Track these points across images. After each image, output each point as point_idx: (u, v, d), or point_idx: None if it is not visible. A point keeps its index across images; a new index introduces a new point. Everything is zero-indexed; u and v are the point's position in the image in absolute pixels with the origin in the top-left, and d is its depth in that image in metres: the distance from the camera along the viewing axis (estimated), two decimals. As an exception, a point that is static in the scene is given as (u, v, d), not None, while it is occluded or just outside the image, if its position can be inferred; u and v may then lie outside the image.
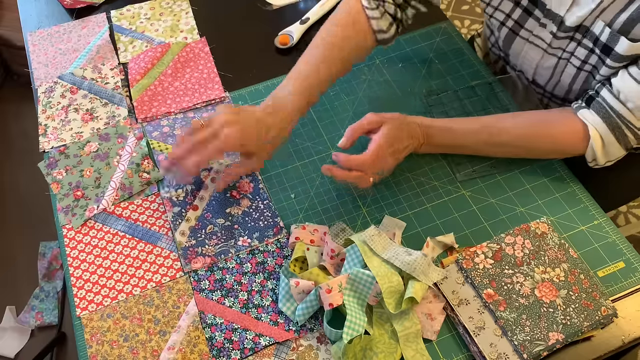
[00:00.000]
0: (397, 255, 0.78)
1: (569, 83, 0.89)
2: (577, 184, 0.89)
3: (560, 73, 0.90)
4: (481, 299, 0.77)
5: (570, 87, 0.90)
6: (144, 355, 0.77)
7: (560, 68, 0.89)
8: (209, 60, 1.09)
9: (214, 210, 0.89)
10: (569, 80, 0.89)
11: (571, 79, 0.88)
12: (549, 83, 0.94)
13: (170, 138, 0.98)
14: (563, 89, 0.92)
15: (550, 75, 0.92)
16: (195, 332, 0.78)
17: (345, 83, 1.04)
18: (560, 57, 0.88)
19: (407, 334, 0.75)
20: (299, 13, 1.16)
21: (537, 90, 0.99)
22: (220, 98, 1.03)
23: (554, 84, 0.93)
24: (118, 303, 0.82)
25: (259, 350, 0.77)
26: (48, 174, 0.95)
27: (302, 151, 0.96)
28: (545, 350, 0.73)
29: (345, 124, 0.98)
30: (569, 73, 0.88)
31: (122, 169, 0.94)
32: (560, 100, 0.96)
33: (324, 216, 0.89)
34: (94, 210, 0.90)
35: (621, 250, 0.82)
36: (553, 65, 0.90)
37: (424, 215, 0.88)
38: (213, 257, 0.85)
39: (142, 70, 1.06)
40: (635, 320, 0.77)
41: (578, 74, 0.87)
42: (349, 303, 0.75)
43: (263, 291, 0.82)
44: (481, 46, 1.19)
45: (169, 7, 1.18)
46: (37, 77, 1.08)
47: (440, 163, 0.93)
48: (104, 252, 0.87)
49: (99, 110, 1.02)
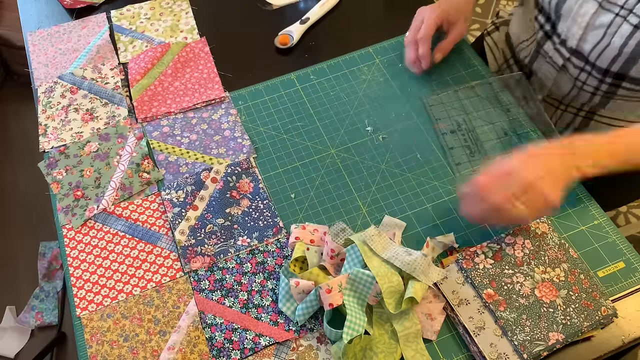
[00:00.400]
0: (397, 255, 0.78)
1: (620, 46, 0.85)
2: (577, 184, 0.89)
3: (612, 34, 0.85)
4: (481, 299, 0.77)
5: (620, 51, 0.85)
6: (144, 355, 0.77)
7: (614, 27, 0.85)
8: (209, 60, 1.09)
9: (213, 210, 0.89)
10: (620, 42, 0.84)
11: (624, 40, 0.84)
12: (596, 48, 0.89)
13: (170, 138, 0.98)
14: (610, 56, 0.87)
15: (601, 36, 0.87)
16: (195, 332, 0.78)
17: (345, 83, 1.04)
18: (617, 14, 0.84)
19: (407, 334, 0.75)
20: (299, 13, 1.16)
21: (575, 65, 0.95)
22: (220, 98, 1.03)
23: (602, 48, 0.88)
24: (118, 303, 0.82)
25: (259, 350, 0.77)
26: (48, 174, 0.95)
27: (302, 151, 0.96)
28: (546, 350, 0.73)
29: (345, 123, 0.99)
30: (622, 33, 0.84)
31: (122, 169, 0.94)
32: (600, 75, 0.92)
33: (324, 216, 0.89)
34: (94, 210, 0.90)
35: (621, 250, 0.83)
36: (607, 24, 0.85)
37: (424, 215, 0.88)
38: (212, 256, 0.85)
39: (142, 70, 1.06)
40: (635, 320, 0.77)
41: (633, 33, 0.82)
42: (349, 303, 0.75)
43: (263, 291, 0.82)
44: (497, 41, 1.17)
45: (169, 7, 1.18)
46: (37, 77, 1.08)
47: (440, 163, 0.93)
48: (104, 252, 0.87)
49: (99, 110, 1.02)
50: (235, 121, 0.99)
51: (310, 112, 1.01)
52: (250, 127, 0.99)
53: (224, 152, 0.96)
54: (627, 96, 0.93)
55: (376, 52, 1.09)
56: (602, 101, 0.97)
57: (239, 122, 0.99)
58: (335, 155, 0.95)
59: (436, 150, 0.95)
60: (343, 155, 0.95)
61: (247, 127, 0.99)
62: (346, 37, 1.12)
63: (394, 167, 0.93)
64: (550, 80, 1.03)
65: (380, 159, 0.94)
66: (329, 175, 0.93)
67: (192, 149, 0.97)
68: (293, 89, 1.04)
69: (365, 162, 0.94)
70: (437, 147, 0.95)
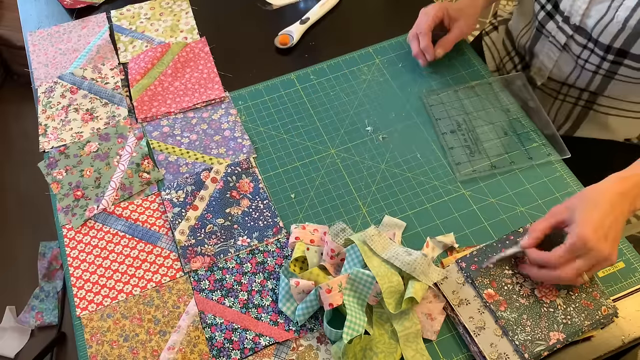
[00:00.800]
0: (397, 255, 0.78)
1: (624, 19, 0.84)
2: (578, 184, 0.89)
3: (616, 7, 0.85)
4: (481, 299, 0.77)
5: (624, 25, 0.85)
6: (144, 355, 0.77)
7: (618, 1, 0.85)
8: (209, 60, 1.09)
9: (213, 210, 0.89)
10: (624, 15, 0.84)
11: (628, 12, 0.83)
12: (599, 23, 0.88)
13: (170, 138, 0.98)
14: (613, 31, 0.87)
15: (605, 10, 0.87)
16: (195, 332, 0.78)
17: (345, 83, 1.04)
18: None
19: (407, 334, 0.75)
20: (299, 13, 1.16)
21: (578, 42, 0.94)
22: (220, 98, 1.03)
23: (606, 23, 0.87)
24: (118, 303, 0.82)
25: (259, 350, 0.77)
26: (48, 174, 0.95)
27: (302, 151, 0.96)
28: (546, 350, 0.73)
29: (345, 123, 0.99)
30: (628, 6, 0.83)
31: (122, 169, 0.94)
32: (602, 52, 0.92)
33: (324, 216, 0.89)
34: (94, 210, 0.90)
35: (621, 250, 0.82)
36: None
37: (424, 215, 0.88)
38: (212, 256, 0.85)
39: (142, 70, 1.06)
40: (635, 320, 0.77)
41: (638, 5, 0.82)
42: (349, 303, 0.75)
43: (263, 291, 0.82)
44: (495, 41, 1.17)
45: (169, 7, 1.18)
46: (37, 77, 1.08)
47: (441, 163, 0.93)
48: (104, 252, 0.87)
49: (99, 110, 1.02)
50: (235, 121, 0.99)
51: (310, 112, 1.01)
52: (250, 127, 0.99)
53: (224, 152, 0.96)
54: (627, 76, 0.92)
55: (376, 52, 1.09)
56: (602, 83, 0.97)
57: (239, 122, 0.99)
58: (335, 155, 0.95)
59: (436, 150, 0.95)
60: (343, 155, 0.95)
61: (247, 127, 0.99)
62: (346, 37, 1.12)
63: (394, 167, 0.93)
64: (552, 61, 1.03)
65: (380, 159, 0.94)
66: (329, 175, 0.93)
67: (192, 149, 0.97)
68: (293, 89, 1.04)
69: (365, 162, 0.94)
70: (437, 147, 0.95)
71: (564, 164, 0.91)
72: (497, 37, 1.22)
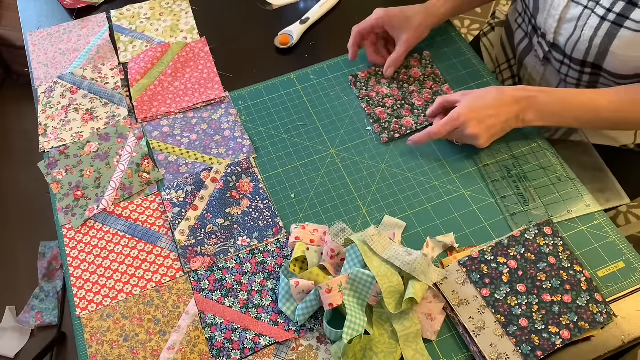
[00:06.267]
0: (397, 255, 0.78)
1: (590, 38, 0.86)
2: (578, 184, 0.89)
3: (582, 27, 0.86)
4: (482, 298, 0.77)
5: (590, 44, 0.86)
6: (144, 355, 0.77)
7: (583, 20, 0.86)
8: (208, 60, 1.09)
9: (213, 210, 0.89)
10: (589, 34, 0.85)
11: (592, 31, 0.85)
12: (570, 41, 0.90)
13: (170, 138, 0.98)
14: (583, 48, 0.88)
15: (572, 29, 0.88)
16: (195, 332, 0.78)
17: (345, 83, 1.04)
18: (585, 6, 0.85)
19: (407, 334, 0.75)
20: (299, 13, 1.16)
21: (556, 58, 0.96)
22: (220, 98, 1.03)
23: (575, 41, 0.89)
24: (118, 303, 0.82)
25: (259, 350, 0.77)
26: (48, 174, 0.95)
27: (302, 151, 0.96)
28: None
29: (345, 123, 0.99)
30: (591, 25, 0.85)
31: (122, 169, 0.94)
32: (579, 67, 0.93)
33: (324, 216, 0.89)
34: (94, 210, 0.90)
35: (621, 250, 0.83)
36: (577, 16, 0.87)
37: (424, 215, 0.88)
38: (212, 256, 0.85)
39: (142, 70, 1.06)
40: (635, 320, 0.77)
41: (600, 25, 0.83)
42: (349, 303, 0.75)
43: (263, 291, 0.82)
44: (493, 42, 1.17)
45: (169, 7, 1.19)
46: (37, 77, 1.08)
47: (440, 163, 0.93)
48: (104, 252, 0.87)
49: (99, 110, 1.02)
50: (235, 121, 0.99)
51: (310, 112, 1.01)
52: (250, 127, 0.99)
53: (224, 152, 0.96)
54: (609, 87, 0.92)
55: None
56: None
57: (239, 122, 1.00)
58: (335, 155, 0.95)
59: (436, 150, 0.95)
60: (343, 155, 0.95)
61: (247, 127, 0.99)
62: (346, 37, 1.12)
63: (394, 167, 0.93)
64: (539, 75, 1.04)
65: (380, 159, 0.94)
66: (329, 175, 0.93)
67: (192, 149, 0.97)
68: (293, 89, 1.04)
69: (365, 162, 0.94)
70: (437, 147, 0.95)
71: (564, 164, 0.91)
72: (494, 38, 1.22)
